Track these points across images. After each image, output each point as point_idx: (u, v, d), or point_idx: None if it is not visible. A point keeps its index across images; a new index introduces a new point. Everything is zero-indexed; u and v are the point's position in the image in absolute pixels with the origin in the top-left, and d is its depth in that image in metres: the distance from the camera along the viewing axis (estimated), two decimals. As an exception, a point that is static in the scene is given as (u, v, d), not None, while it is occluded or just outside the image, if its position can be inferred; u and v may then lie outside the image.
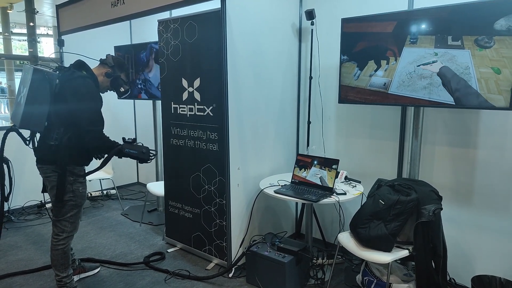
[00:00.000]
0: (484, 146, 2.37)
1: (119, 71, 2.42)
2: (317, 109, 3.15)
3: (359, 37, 2.18)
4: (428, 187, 2.26)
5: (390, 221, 2.18)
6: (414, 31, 1.87)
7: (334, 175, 2.56)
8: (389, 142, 2.79)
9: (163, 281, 2.68)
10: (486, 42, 1.62)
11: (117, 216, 4.02)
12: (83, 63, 2.31)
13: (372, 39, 2.12)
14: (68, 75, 2.19)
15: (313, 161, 2.69)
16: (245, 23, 2.68)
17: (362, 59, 2.22)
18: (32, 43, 9.20)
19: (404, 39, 1.91)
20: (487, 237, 2.42)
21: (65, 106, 2.15)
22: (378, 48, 2.06)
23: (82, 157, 2.28)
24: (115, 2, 3.35)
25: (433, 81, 1.93)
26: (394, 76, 2.05)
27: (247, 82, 2.77)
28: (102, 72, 2.37)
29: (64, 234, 2.31)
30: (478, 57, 1.70)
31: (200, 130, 2.84)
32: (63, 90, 2.15)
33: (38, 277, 2.74)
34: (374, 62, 2.08)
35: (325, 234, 3.17)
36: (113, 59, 2.41)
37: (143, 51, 3.72)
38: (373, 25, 2.04)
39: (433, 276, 2.18)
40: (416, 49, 1.87)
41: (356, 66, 2.23)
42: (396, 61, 1.98)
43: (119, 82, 2.44)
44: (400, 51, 1.94)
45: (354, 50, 2.21)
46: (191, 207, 3.01)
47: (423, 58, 1.88)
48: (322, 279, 2.61)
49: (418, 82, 1.96)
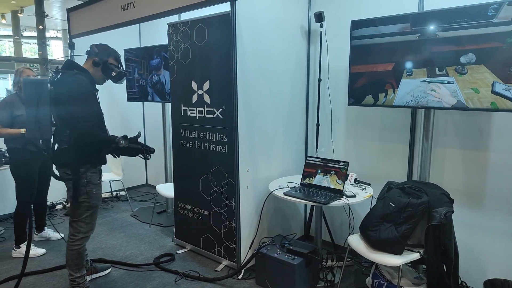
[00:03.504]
0: (496, 148, 2.35)
1: (105, 56, 2.37)
2: (326, 111, 3.15)
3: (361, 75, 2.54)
4: (439, 190, 2.24)
5: (401, 223, 2.17)
6: (409, 67, 2.30)
7: (334, 179, 2.59)
8: (399, 144, 2.78)
9: (173, 282, 2.70)
10: (461, 70, 2.07)
11: (127, 218, 4.06)
12: (72, 62, 2.33)
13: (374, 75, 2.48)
14: (59, 78, 2.20)
15: (317, 171, 2.72)
16: (254, 25, 2.69)
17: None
18: (42, 46, 9.36)
19: (401, 73, 2.33)
20: (499, 241, 2.40)
21: (62, 108, 2.18)
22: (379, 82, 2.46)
23: (92, 157, 2.27)
24: (126, 5, 3.39)
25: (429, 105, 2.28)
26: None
27: (256, 84, 2.78)
28: (90, 63, 2.35)
29: (80, 234, 2.35)
30: (460, 81, 2.10)
31: (210, 132, 2.85)
32: (56, 93, 2.18)
33: (50, 277, 2.78)
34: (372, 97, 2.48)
35: (334, 236, 3.16)
36: (96, 46, 2.38)
37: (156, 56, 3.75)
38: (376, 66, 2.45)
39: (444, 280, 2.16)
40: (411, 80, 2.29)
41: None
42: (394, 93, 2.38)
43: (109, 67, 2.38)
44: (398, 83, 2.34)
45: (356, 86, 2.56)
46: (201, 209, 3.03)
47: (418, 87, 2.26)
48: (332, 281, 2.61)
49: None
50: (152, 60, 3.81)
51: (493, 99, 1.98)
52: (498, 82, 1.95)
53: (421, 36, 2.22)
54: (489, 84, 1.99)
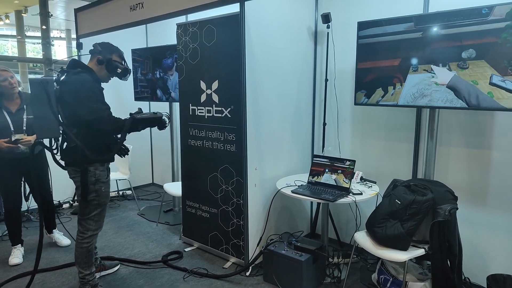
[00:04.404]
0: (499, 147, 2.40)
1: (109, 54, 2.40)
2: (332, 111, 3.20)
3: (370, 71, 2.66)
4: (444, 187, 2.29)
5: (406, 220, 2.22)
6: (414, 63, 2.43)
7: (342, 177, 2.64)
8: (404, 143, 2.83)
9: (182, 279, 2.75)
10: (463, 65, 2.21)
11: (134, 216, 4.10)
12: (76, 61, 2.36)
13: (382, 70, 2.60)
14: (64, 77, 2.24)
15: (324, 170, 2.77)
16: (262, 26, 2.75)
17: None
18: (46, 46, 9.40)
19: (408, 68, 2.46)
20: (501, 237, 2.45)
21: (69, 107, 2.21)
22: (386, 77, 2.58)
23: (100, 154, 2.28)
24: (134, 6, 3.44)
25: (433, 98, 2.38)
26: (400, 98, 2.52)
27: (264, 84, 2.83)
28: (94, 62, 2.38)
29: (89, 232, 2.38)
30: (461, 75, 2.24)
31: (218, 131, 2.90)
32: (63, 93, 2.21)
33: (59, 275, 2.82)
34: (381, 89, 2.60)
35: (340, 234, 3.21)
36: (99, 44, 2.41)
37: (168, 58, 3.80)
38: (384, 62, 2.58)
39: (448, 275, 2.21)
40: (417, 75, 2.42)
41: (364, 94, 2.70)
42: (401, 86, 2.50)
43: (113, 64, 2.40)
44: (404, 77, 2.48)
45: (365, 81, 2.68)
46: (209, 207, 3.08)
47: (423, 81, 2.39)
48: (339, 277, 2.66)
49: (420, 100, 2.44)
50: (165, 59, 3.85)
51: (490, 89, 2.14)
52: (496, 74, 2.11)
53: (424, 34, 2.34)
54: (487, 77, 2.14)
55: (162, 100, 3.99)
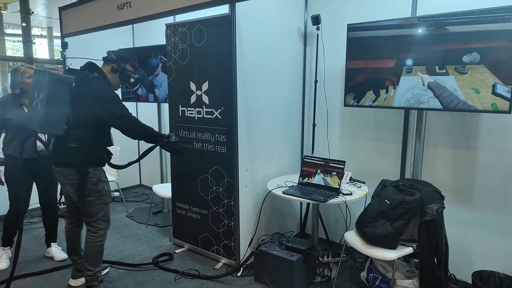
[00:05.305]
0: (484, 148, 2.47)
1: (123, 63, 2.42)
2: (322, 112, 3.24)
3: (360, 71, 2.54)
4: (431, 187, 2.35)
5: (395, 220, 2.27)
6: (409, 64, 2.30)
7: (336, 180, 2.67)
8: (392, 144, 2.89)
9: (173, 280, 2.74)
10: (462, 69, 2.06)
11: (122, 218, 4.06)
12: (94, 65, 2.35)
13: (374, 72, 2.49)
14: (83, 77, 2.23)
15: (316, 170, 2.79)
16: (252, 27, 2.75)
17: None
18: (27, 44, 9.13)
19: (401, 70, 2.33)
20: (486, 235, 2.53)
21: (86, 108, 2.18)
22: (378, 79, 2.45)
23: (101, 158, 2.33)
24: (122, 5, 3.38)
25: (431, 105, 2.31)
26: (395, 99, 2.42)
27: (255, 85, 2.84)
28: (108, 69, 2.38)
29: (101, 231, 2.41)
30: (460, 81, 2.10)
31: (208, 132, 2.90)
32: (81, 93, 2.18)
33: (48, 278, 2.77)
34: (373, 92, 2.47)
35: (329, 233, 3.25)
36: (114, 53, 2.41)
37: (153, 58, 3.77)
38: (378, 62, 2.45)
39: (435, 272, 2.27)
40: (411, 77, 2.29)
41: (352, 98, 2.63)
42: (394, 89, 2.38)
43: (126, 74, 2.44)
44: (398, 80, 2.34)
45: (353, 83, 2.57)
46: (199, 208, 3.07)
47: (418, 85, 2.26)
48: (329, 276, 2.70)
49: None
50: (150, 59, 3.81)
51: (493, 100, 2.01)
52: (499, 83, 1.96)
53: (419, 33, 2.23)
54: (489, 85, 2.00)
55: (149, 101, 3.95)
